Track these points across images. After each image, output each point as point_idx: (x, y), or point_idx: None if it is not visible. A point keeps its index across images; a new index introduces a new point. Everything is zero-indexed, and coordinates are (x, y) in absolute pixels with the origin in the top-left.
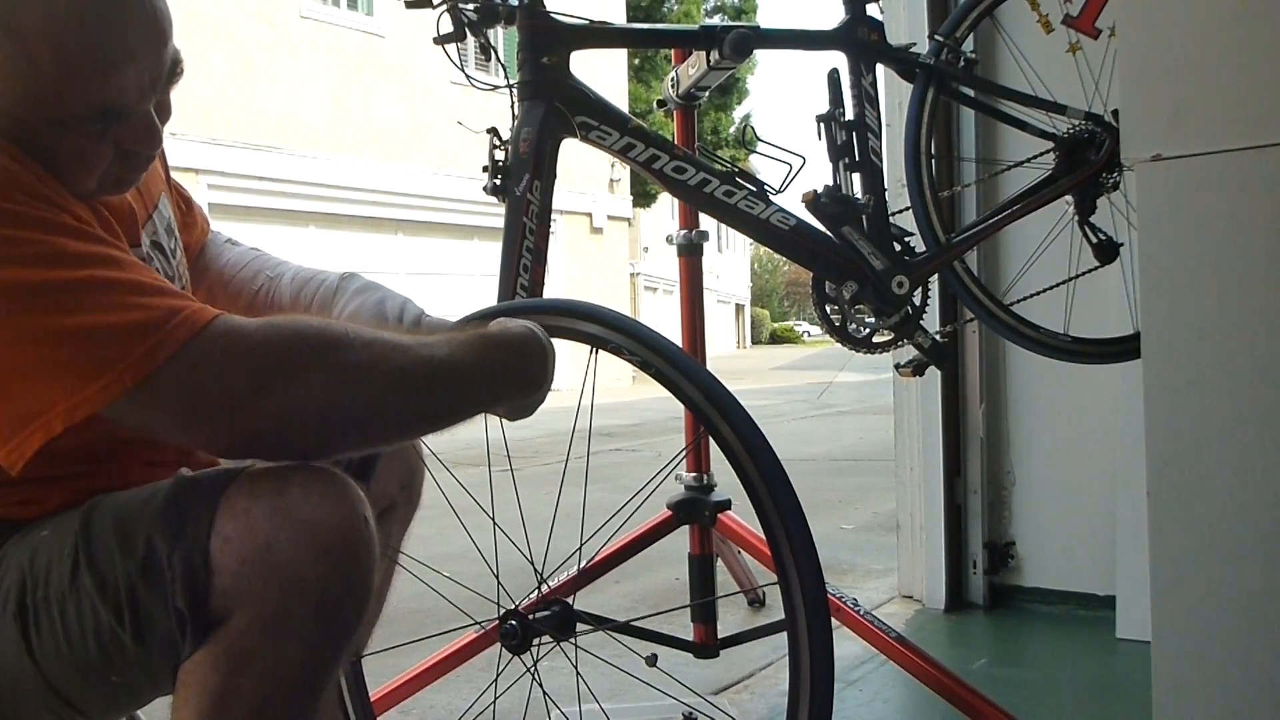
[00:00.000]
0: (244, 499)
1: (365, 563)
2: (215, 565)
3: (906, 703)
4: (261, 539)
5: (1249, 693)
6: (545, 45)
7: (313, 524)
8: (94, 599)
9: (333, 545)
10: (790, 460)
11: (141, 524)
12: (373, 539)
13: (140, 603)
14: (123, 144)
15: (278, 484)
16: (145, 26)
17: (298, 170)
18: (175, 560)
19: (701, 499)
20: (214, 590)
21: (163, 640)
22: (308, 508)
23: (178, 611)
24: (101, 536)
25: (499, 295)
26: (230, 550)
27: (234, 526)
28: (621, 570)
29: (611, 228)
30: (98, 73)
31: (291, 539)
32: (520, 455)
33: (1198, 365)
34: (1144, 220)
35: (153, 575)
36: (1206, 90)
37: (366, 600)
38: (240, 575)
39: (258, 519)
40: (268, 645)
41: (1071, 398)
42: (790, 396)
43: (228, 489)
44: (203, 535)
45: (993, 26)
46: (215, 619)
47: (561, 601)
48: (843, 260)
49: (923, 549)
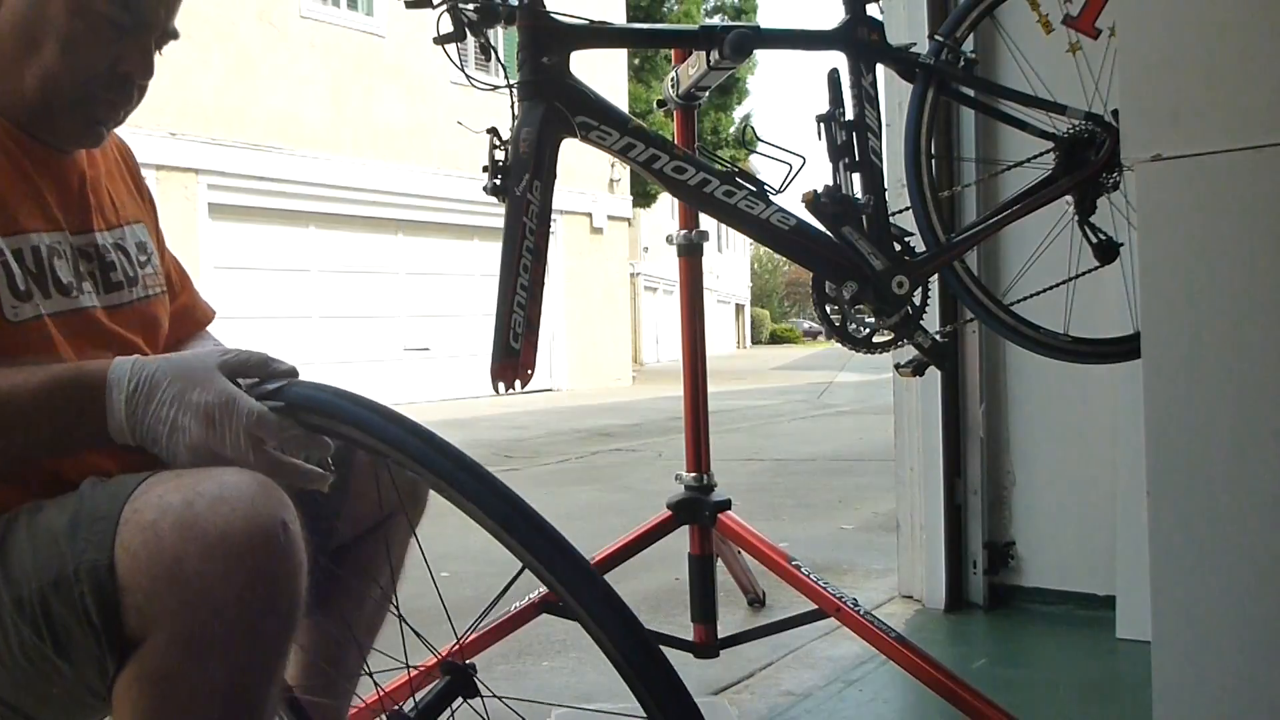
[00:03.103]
0: (150, 511)
1: (286, 572)
2: (124, 582)
3: (906, 703)
4: (169, 554)
5: (1249, 693)
6: (545, 45)
7: (225, 535)
8: (13, 616)
9: (245, 557)
10: (790, 460)
11: (52, 537)
12: (294, 547)
13: (55, 619)
14: (119, 64)
15: (186, 494)
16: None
17: (298, 170)
18: (83, 574)
19: (701, 499)
20: (125, 607)
21: (87, 656)
22: (217, 518)
23: (93, 626)
24: (17, 550)
25: (499, 295)
26: (138, 567)
27: (140, 540)
28: (621, 570)
29: (611, 228)
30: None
31: (201, 553)
32: (520, 455)
33: (1198, 365)
34: (1144, 220)
35: (64, 590)
36: (1206, 90)
37: (295, 610)
38: (151, 594)
39: (164, 532)
40: (190, 666)
41: (1071, 398)
42: (790, 396)
43: (133, 499)
44: (108, 548)
45: (993, 26)
46: (134, 637)
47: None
48: (843, 260)
49: (923, 549)
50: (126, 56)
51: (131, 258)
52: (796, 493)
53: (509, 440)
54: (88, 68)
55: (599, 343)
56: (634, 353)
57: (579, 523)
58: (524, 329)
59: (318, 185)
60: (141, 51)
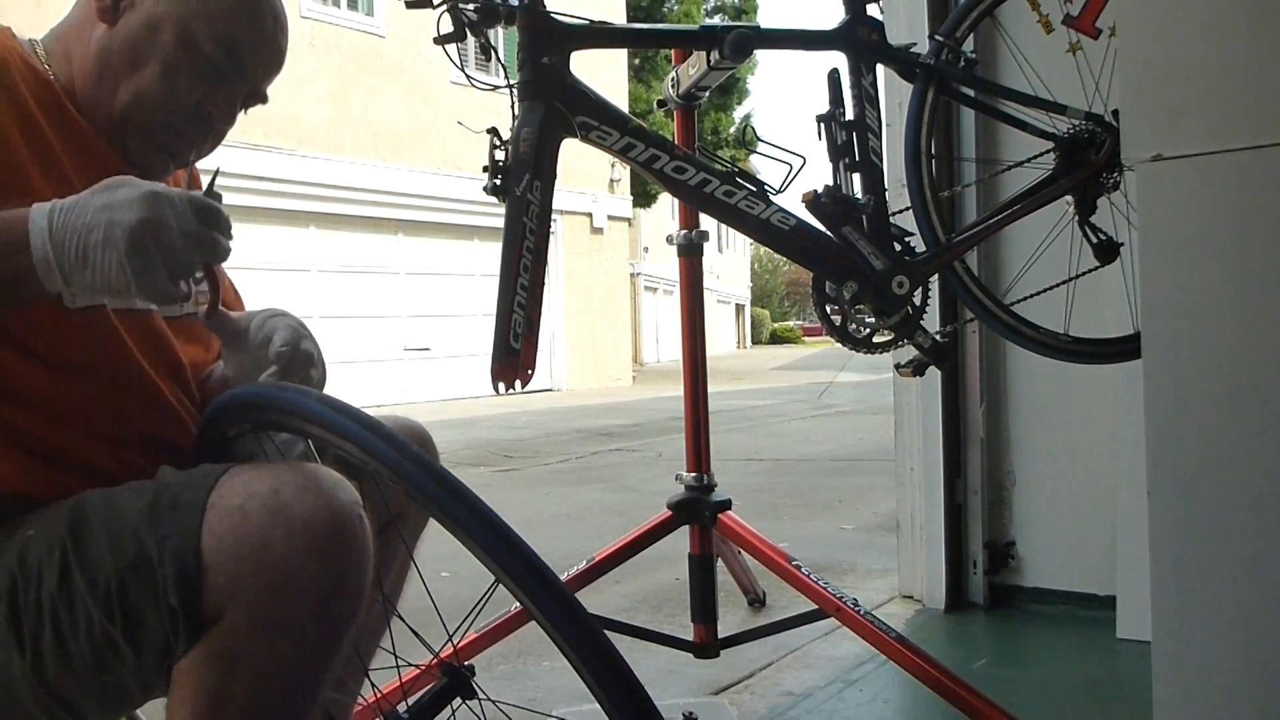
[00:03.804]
0: (237, 496)
1: (358, 561)
2: (208, 563)
3: (906, 703)
4: (256, 537)
5: (1249, 693)
6: (545, 45)
7: (307, 521)
8: (85, 599)
9: (326, 543)
10: (790, 460)
11: (130, 522)
12: (366, 537)
13: (131, 601)
14: (205, 104)
15: (271, 482)
16: (280, 48)
17: (298, 170)
18: (167, 558)
19: (701, 499)
20: (207, 588)
21: (155, 640)
22: (301, 506)
23: (170, 610)
24: (90, 535)
25: (499, 295)
26: (224, 549)
27: (228, 524)
28: (621, 570)
29: (611, 228)
30: (249, 31)
31: (286, 537)
32: (520, 455)
33: (1198, 365)
34: (1144, 220)
35: (144, 573)
36: (1206, 90)
37: (360, 599)
38: (234, 574)
39: (252, 517)
40: (262, 645)
41: (1071, 398)
42: (790, 396)
43: (219, 486)
44: (195, 532)
45: (993, 26)
46: (208, 618)
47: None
48: (843, 260)
49: (923, 549)
50: (214, 99)
51: None
52: (796, 493)
53: (509, 440)
54: (178, 97)
55: (599, 343)
56: (634, 353)
57: (579, 523)
58: (524, 329)
59: (318, 185)
60: (228, 100)
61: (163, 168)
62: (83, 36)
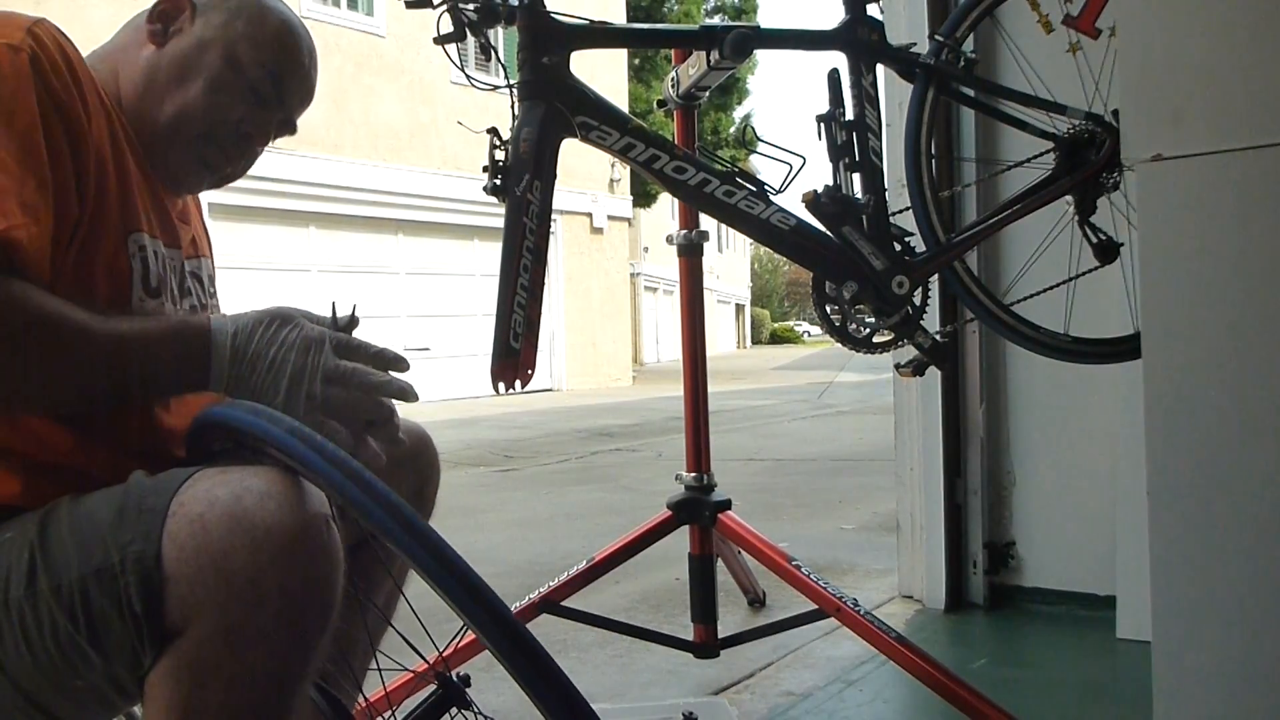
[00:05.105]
0: (198, 504)
1: (326, 569)
2: (169, 572)
3: (906, 703)
4: (216, 546)
5: (1249, 693)
6: (545, 45)
7: (270, 530)
8: (50, 602)
9: (291, 552)
10: (790, 460)
11: (98, 527)
12: (334, 544)
13: (94, 607)
14: (245, 123)
15: (234, 488)
16: (313, 82)
17: (298, 170)
18: (129, 565)
19: (701, 499)
20: (169, 597)
21: (124, 647)
22: (264, 513)
23: (134, 617)
24: (57, 539)
25: (499, 295)
26: (185, 558)
27: (188, 532)
28: (621, 570)
29: (611, 228)
30: (291, 61)
31: (247, 546)
32: (521, 455)
33: (1198, 365)
34: (1144, 220)
35: (106, 579)
36: (1206, 90)
37: (331, 606)
38: (196, 584)
39: (212, 526)
40: (230, 656)
41: (1071, 398)
42: (790, 396)
43: (181, 492)
44: (154, 540)
45: (993, 26)
46: (173, 627)
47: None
48: (843, 260)
49: (923, 549)
50: (253, 120)
51: (204, 288)
52: (796, 493)
53: (509, 440)
54: (220, 113)
55: (599, 343)
56: (634, 353)
57: (579, 522)
58: (524, 329)
59: (318, 185)
60: (264, 123)
61: (198, 181)
62: (130, 57)
